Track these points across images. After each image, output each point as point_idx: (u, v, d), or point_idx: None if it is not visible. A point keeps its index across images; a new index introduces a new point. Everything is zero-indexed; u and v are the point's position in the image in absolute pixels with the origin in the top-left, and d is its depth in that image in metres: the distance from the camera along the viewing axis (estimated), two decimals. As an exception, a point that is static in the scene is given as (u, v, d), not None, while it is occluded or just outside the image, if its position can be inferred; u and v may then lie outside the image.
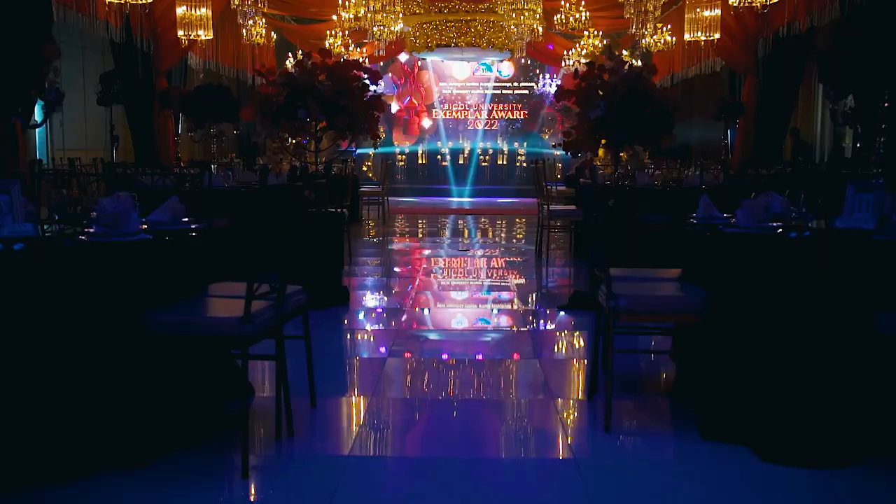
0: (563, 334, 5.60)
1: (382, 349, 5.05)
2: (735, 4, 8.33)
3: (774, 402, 3.32)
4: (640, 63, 9.29)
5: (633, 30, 9.67)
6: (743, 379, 3.43)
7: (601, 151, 6.63)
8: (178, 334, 3.24)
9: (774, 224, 3.76)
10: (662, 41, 11.95)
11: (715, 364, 3.59)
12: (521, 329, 5.64)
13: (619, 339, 3.79)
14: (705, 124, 12.70)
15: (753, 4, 8.25)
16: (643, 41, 11.45)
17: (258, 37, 12.09)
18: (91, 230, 3.30)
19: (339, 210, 7.20)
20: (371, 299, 6.69)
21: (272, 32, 12.78)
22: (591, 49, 12.58)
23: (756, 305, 3.43)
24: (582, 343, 5.23)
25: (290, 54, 12.63)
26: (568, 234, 8.95)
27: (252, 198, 6.15)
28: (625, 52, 12.15)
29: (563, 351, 5.22)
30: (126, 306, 3.15)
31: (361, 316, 6.09)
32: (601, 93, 5.81)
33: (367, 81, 6.23)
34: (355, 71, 6.17)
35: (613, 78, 5.81)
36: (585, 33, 12.77)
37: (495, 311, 6.30)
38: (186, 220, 3.81)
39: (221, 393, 3.89)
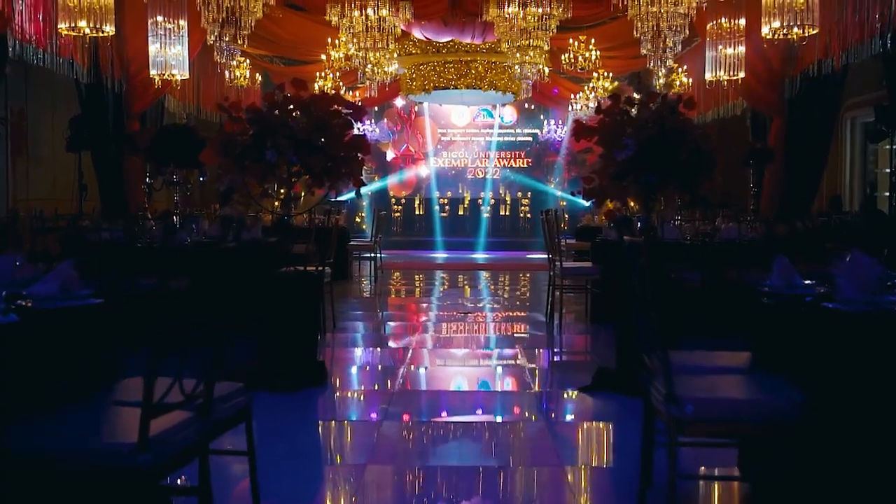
0: (588, 429, 4.46)
1: (361, 452, 3.94)
2: (769, 37, 7.40)
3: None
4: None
5: (651, 65, 8.75)
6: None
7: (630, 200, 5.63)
8: (47, 464, 2.22)
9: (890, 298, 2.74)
10: (678, 83, 11.09)
11: (818, 490, 2.55)
12: (537, 420, 4.53)
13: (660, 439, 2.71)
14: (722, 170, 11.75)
15: (789, 37, 7.34)
16: (658, 81, 10.58)
17: (242, 78, 11.22)
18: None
19: (318, 268, 6.18)
20: (352, 379, 5.58)
21: (257, 74, 11.89)
22: (602, 92, 11.69)
23: (884, 409, 2.40)
24: (612, 441, 4.15)
25: (277, 97, 11.74)
26: (582, 294, 7.84)
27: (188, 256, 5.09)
28: (635, 96, 11.27)
29: (592, 454, 4.11)
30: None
31: (338, 402, 4.97)
32: (629, 130, 4.83)
33: (350, 118, 5.23)
34: (336, 105, 5.18)
35: (644, 112, 4.85)
36: (595, 75, 11.90)
37: (504, 396, 5.21)
38: (87, 291, 2.78)
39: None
